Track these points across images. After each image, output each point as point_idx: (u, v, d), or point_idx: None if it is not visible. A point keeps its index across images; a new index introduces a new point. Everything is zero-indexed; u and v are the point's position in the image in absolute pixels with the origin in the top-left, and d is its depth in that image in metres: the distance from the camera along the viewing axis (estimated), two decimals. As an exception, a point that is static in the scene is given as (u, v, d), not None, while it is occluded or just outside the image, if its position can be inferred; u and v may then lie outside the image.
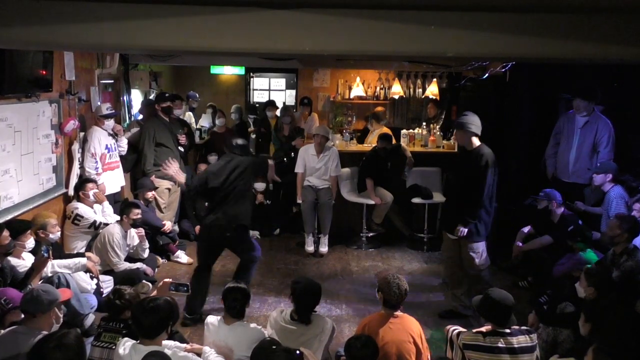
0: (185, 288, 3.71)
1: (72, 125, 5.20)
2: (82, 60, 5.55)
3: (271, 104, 7.98)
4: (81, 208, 5.07)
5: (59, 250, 4.59)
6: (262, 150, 7.34)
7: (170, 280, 3.68)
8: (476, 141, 4.41)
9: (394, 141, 6.65)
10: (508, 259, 5.61)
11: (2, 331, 3.14)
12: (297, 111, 8.13)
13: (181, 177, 4.80)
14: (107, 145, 5.56)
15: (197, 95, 9.11)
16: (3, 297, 3.31)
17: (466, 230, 4.40)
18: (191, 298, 4.36)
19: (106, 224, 5.08)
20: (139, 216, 5.13)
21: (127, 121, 6.84)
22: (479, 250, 4.51)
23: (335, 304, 4.96)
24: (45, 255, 3.89)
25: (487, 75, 6.56)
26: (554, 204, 4.98)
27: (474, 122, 4.38)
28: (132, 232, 5.20)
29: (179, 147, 6.25)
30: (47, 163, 4.95)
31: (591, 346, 2.71)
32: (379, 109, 8.05)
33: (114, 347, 3.01)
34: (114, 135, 5.67)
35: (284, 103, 9.77)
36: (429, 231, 6.59)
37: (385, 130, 7.26)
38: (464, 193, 4.45)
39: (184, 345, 3.13)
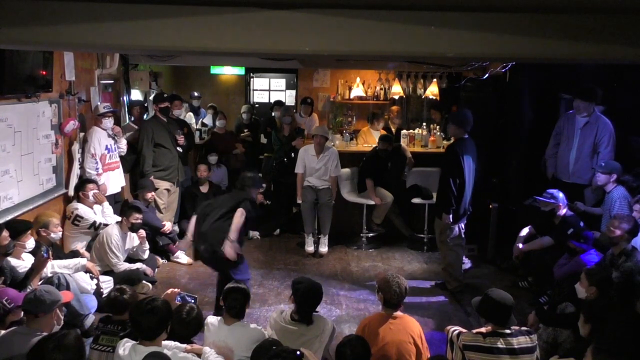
0: (193, 300, 3.70)
1: (72, 125, 5.19)
2: (82, 60, 5.54)
3: (279, 103, 7.99)
4: (81, 208, 5.07)
5: (59, 251, 4.59)
6: (269, 150, 7.33)
7: (179, 290, 3.68)
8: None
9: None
10: (508, 259, 5.61)
11: (3, 331, 3.14)
12: (297, 111, 8.12)
13: None
14: (107, 145, 5.56)
15: (195, 94, 9.18)
16: (4, 297, 3.31)
17: None
18: None
19: (106, 225, 5.08)
20: (139, 221, 5.10)
21: (127, 122, 6.84)
22: None
23: (335, 304, 4.96)
24: (45, 255, 3.89)
25: (487, 75, 6.55)
26: (560, 206, 4.94)
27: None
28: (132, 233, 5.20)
29: (178, 148, 6.25)
30: (47, 163, 4.95)
31: (590, 346, 2.71)
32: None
33: (111, 350, 3.00)
34: (114, 136, 5.67)
35: (284, 103, 9.76)
36: (429, 231, 6.57)
37: (382, 131, 7.27)
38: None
39: (184, 345, 3.12)
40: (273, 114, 7.74)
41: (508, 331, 3.09)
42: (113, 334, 3.13)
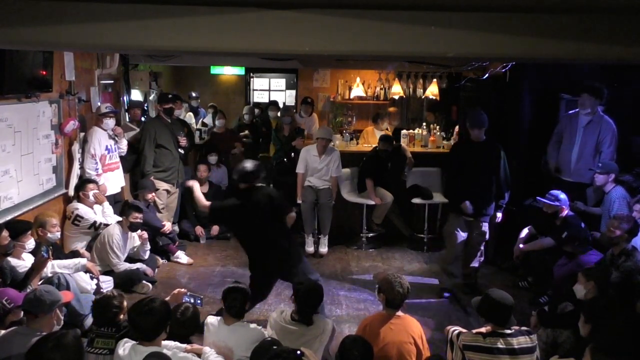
0: (199, 301, 3.69)
1: (72, 125, 5.20)
2: (82, 60, 5.55)
3: (273, 104, 8.07)
4: (81, 209, 5.07)
5: (59, 251, 4.59)
6: (263, 150, 7.33)
7: (185, 290, 3.67)
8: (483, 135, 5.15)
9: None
10: (509, 259, 5.61)
11: (3, 331, 3.14)
12: (297, 112, 8.11)
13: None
14: (107, 146, 5.56)
15: (194, 94, 9.21)
16: (4, 297, 3.31)
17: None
18: None
19: (106, 225, 5.08)
20: (138, 220, 5.10)
21: (125, 122, 6.82)
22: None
23: (335, 304, 4.95)
24: (45, 255, 3.89)
25: (487, 75, 6.55)
26: (563, 209, 4.92)
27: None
28: (133, 233, 5.19)
29: (179, 149, 6.24)
30: (47, 163, 4.95)
31: (589, 346, 2.71)
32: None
33: (108, 352, 3.00)
34: (114, 137, 5.66)
35: (284, 103, 9.78)
36: (429, 231, 6.58)
37: (386, 132, 7.27)
38: (489, 180, 5.09)
39: (184, 345, 3.13)
40: (269, 113, 7.77)
41: (508, 331, 3.08)
42: (108, 336, 3.11)
